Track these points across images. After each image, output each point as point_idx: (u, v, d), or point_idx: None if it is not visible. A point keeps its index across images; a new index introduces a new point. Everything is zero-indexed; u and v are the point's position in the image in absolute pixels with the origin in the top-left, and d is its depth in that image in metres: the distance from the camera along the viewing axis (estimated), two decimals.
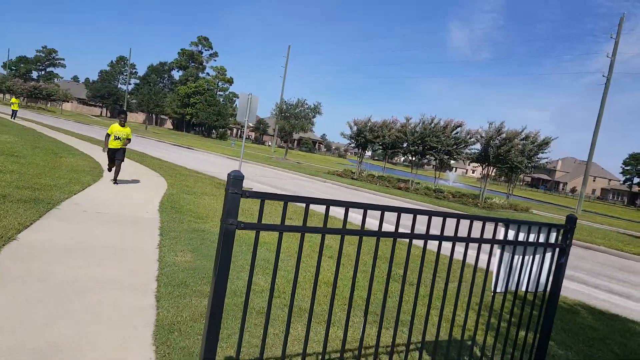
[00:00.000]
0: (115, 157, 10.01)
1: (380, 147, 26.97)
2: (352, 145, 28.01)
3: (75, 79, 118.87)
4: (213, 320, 1.95)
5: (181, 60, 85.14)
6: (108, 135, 9.95)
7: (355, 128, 26.69)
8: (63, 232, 5.76)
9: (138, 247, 5.62)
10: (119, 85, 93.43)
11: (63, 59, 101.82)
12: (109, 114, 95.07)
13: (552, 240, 3.32)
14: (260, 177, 19.29)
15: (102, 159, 14.14)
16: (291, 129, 35.60)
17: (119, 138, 9.97)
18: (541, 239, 3.24)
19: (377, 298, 5.07)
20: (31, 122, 29.65)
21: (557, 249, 3.37)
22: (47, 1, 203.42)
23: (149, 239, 6.05)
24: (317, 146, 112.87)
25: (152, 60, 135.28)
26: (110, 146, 10.00)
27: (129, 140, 10.22)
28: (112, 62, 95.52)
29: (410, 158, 26.01)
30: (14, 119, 29.35)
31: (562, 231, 3.37)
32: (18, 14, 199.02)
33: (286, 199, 2.05)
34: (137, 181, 11.10)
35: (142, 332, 3.44)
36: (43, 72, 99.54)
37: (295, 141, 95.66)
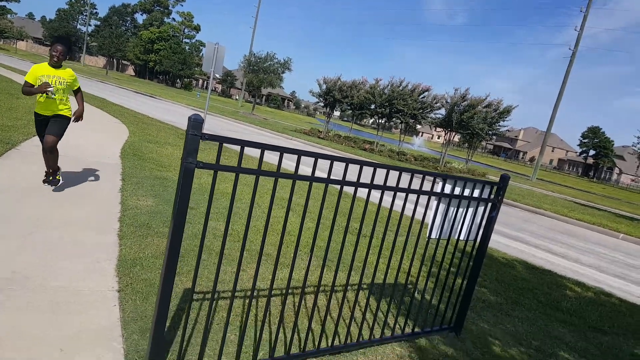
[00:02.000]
0: (46, 131, 5.24)
1: (349, 107, 27.13)
2: (321, 104, 28.02)
3: (31, 16, 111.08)
4: (173, 250, 2.19)
5: (145, 3, 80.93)
6: (29, 85, 5.04)
7: (324, 86, 26.64)
8: (24, 172, 5.78)
9: (100, 190, 5.73)
10: (78, 26, 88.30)
11: None
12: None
13: (486, 196, 3.71)
14: (226, 131, 19.20)
15: None
16: (259, 83, 35.02)
17: (50, 92, 4.99)
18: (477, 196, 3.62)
19: (324, 243, 5.41)
20: None
21: (490, 204, 3.77)
22: None
23: (111, 183, 6.16)
24: (286, 103, 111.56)
25: (114, 1, 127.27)
26: (37, 110, 5.25)
27: (78, 95, 5.55)
28: (70, 0, 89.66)
29: (377, 120, 26.36)
30: None
31: (495, 188, 3.76)
32: None
33: (243, 143, 2.26)
34: (98, 127, 10.94)
35: (105, 265, 3.66)
36: None
37: (264, 97, 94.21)
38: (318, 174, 5.18)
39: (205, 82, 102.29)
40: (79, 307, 2.99)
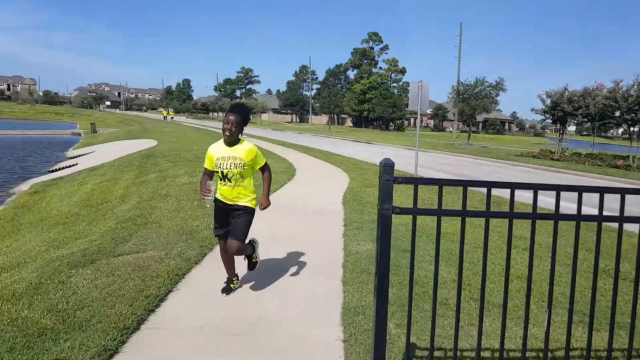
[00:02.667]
0: (229, 232, 4.11)
1: (585, 119, 23.52)
2: (548, 121, 25.01)
3: (269, 91, 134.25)
4: (381, 305, 2.13)
5: (354, 59, 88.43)
6: (207, 173, 4.18)
7: (548, 101, 23.79)
8: (264, 223, 6.72)
9: (325, 236, 6.22)
10: (304, 92, 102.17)
11: (258, 76, 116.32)
12: (297, 119, 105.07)
13: None
14: (441, 165, 18.90)
15: (295, 160, 15.84)
16: (472, 111, 33.69)
17: (208, 199, 3.97)
18: None
19: (583, 295, 4.38)
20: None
21: None
22: (246, 26, 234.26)
23: (334, 229, 6.63)
24: (506, 126, 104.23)
25: (329, 64, 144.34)
26: (217, 194, 4.12)
27: (264, 175, 4.47)
28: (296, 72, 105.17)
29: (628, 129, 22.00)
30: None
31: None
32: (223, 43, 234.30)
33: (439, 183, 2.10)
34: (322, 177, 12.13)
35: (332, 313, 3.84)
36: (244, 90, 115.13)
37: (480, 124, 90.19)
38: (546, 202, 4.50)
39: (416, 121, 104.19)
40: (307, 356, 3.15)
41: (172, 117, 66.05)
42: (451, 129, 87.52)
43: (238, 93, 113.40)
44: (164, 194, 8.76)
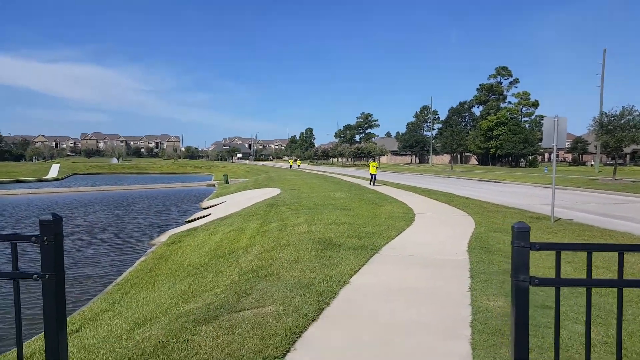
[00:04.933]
0: None
1: None
2: None
3: (388, 134, 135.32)
4: None
5: (480, 95, 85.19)
6: None
7: None
8: (384, 275, 6.40)
9: (449, 289, 5.67)
10: (424, 133, 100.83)
11: (377, 120, 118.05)
12: (417, 160, 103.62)
13: None
14: (584, 204, 16.70)
15: (414, 204, 15.30)
16: (617, 143, 29.68)
17: None
18: None
19: None
20: (356, 177, 35.15)
21: None
22: (367, 72, 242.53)
23: (459, 281, 6.04)
24: None
25: (452, 102, 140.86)
26: None
27: None
28: (416, 113, 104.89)
29: None
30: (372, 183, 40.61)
31: None
32: (344, 90, 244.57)
33: (588, 248, 1.66)
34: (445, 222, 11.42)
35: None
36: (363, 135, 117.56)
37: (627, 156, 79.44)
38: None
39: (550, 155, 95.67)
40: None
41: (298, 165, 69.34)
42: (592, 163, 78.37)
43: (357, 138, 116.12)
44: (284, 243, 8.95)
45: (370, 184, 26.18)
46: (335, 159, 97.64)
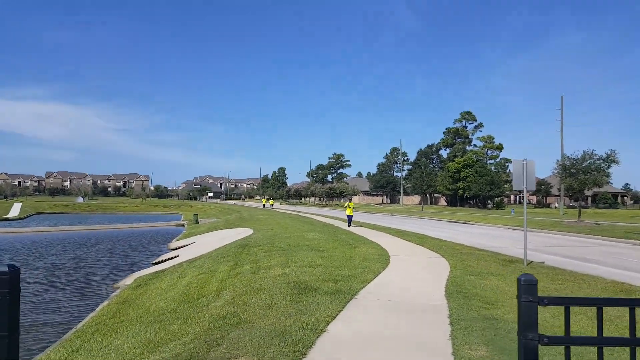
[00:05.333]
0: None
1: None
2: None
3: (359, 174, 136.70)
4: None
5: (447, 138, 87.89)
6: None
7: None
8: (362, 322, 6.17)
9: (430, 338, 5.49)
10: (395, 173, 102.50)
11: (348, 160, 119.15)
12: (388, 200, 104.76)
13: None
14: (553, 246, 17.01)
15: (388, 245, 15.21)
16: (581, 186, 30.81)
17: None
18: None
19: None
20: (329, 217, 34.98)
21: None
22: (338, 114, 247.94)
23: (439, 328, 5.87)
24: (619, 200, 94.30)
25: (420, 145, 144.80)
26: None
27: None
28: (386, 154, 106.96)
29: None
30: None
31: None
32: (316, 131, 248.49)
33: (599, 302, 1.56)
34: (419, 265, 11.33)
35: None
36: (335, 174, 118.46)
37: (589, 198, 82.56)
38: None
39: (516, 197, 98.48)
40: None
41: (271, 205, 68.52)
42: (556, 205, 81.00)
43: (329, 178, 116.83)
44: (258, 287, 8.62)
45: (348, 225, 24.99)
46: (307, 199, 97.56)
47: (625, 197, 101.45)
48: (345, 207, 26.42)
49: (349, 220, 25.48)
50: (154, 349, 5.86)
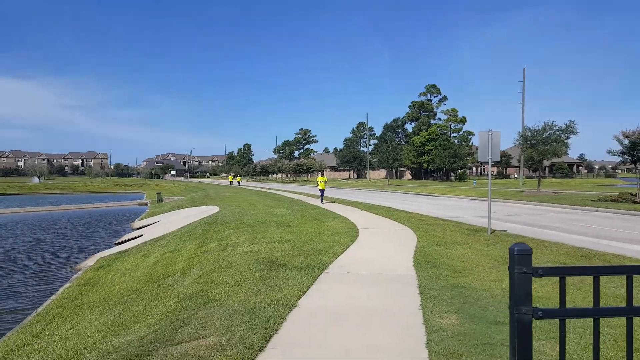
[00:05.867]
0: None
1: None
2: (627, 161, 23.11)
3: (326, 150, 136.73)
4: None
5: (412, 112, 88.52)
6: None
7: (626, 141, 22.06)
8: (333, 296, 6.10)
9: (400, 308, 5.48)
10: (361, 148, 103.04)
11: (315, 136, 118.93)
12: (355, 175, 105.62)
13: None
14: (514, 215, 17.51)
15: (356, 219, 15.24)
16: (541, 156, 31.77)
17: None
18: None
19: None
20: (297, 193, 34.87)
21: None
22: (303, 88, 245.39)
23: (409, 298, 5.88)
24: (574, 169, 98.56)
25: (386, 119, 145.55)
26: None
27: None
28: (353, 129, 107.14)
29: None
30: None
31: None
32: (281, 106, 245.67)
33: (597, 271, 1.46)
34: (387, 237, 11.39)
35: None
36: (302, 150, 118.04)
37: (547, 168, 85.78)
38: None
39: (478, 169, 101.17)
40: None
41: (238, 182, 67.38)
42: (516, 175, 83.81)
43: (296, 153, 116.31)
44: (226, 265, 8.42)
45: (320, 201, 23.72)
46: (274, 175, 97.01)
47: (580, 167, 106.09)
48: (318, 182, 25.00)
49: (322, 195, 24.37)
50: (117, 332, 5.61)
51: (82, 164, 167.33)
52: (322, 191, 24.33)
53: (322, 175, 25.94)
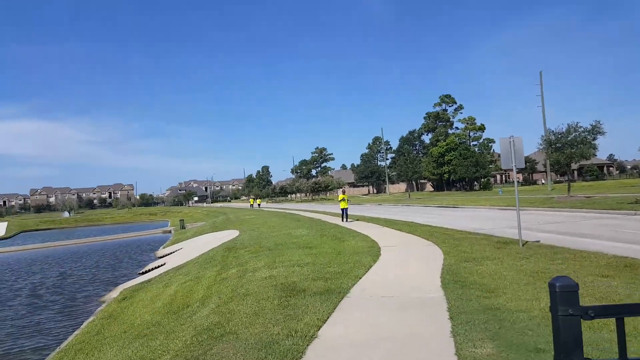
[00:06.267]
0: None
1: None
2: None
3: (344, 167, 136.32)
4: None
5: (428, 123, 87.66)
6: None
7: None
8: (355, 324, 5.74)
9: (430, 337, 5.07)
10: (379, 163, 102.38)
11: (332, 154, 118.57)
12: (375, 190, 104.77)
13: None
14: (545, 224, 16.77)
15: (378, 236, 14.81)
16: (568, 160, 30.68)
17: None
18: None
19: None
20: (317, 212, 34.56)
21: None
22: (317, 108, 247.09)
23: (439, 324, 5.46)
24: (605, 170, 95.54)
25: (402, 132, 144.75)
26: None
27: None
28: (369, 144, 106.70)
29: None
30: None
31: None
32: (297, 126, 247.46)
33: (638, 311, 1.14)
34: (412, 255, 10.94)
35: None
36: (319, 169, 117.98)
37: (575, 172, 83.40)
38: None
39: (502, 177, 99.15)
40: None
41: (259, 204, 67.78)
42: (543, 181, 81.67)
43: (314, 172, 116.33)
44: (244, 292, 8.13)
45: (342, 220, 21.83)
46: (293, 195, 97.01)
47: (611, 168, 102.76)
48: (340, 200, 22.77)
49: (344, 214, 22.10)
50: None
51: (110, 196, 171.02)
52: (345, 210, 22.16)
53: (344, 192, 23.82)
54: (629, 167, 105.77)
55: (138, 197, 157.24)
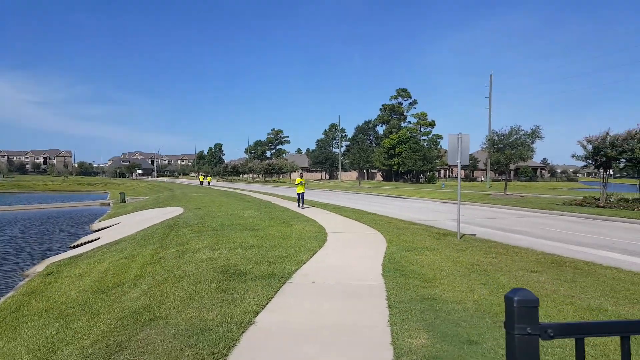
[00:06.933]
0: None
1: (629, 163, 21.92)
2: (590, 166, 23.55)
3: (299, 151, 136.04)
4: None
5: (383, 115, 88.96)
6: None
7: (589, 146, 22.42)
8: (295, 310, 5.60)
9: (368, 325, 5.03)
10: (333, 150, 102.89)
11: (287, 136, 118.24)
12: (327, 176, 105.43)
13: None
14: (482, 219, 17.44)
15: (326, 222, 14.78)
16: (507, 160, 32.19)
17: None
18: None
19: None
20: (268, 194, 34.16)
21: None
22: (277, 89, 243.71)
23: (377, 313, 5.44)
24: (538, 173, 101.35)
25: (358, 121, 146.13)
26: None
27: None
28: (325, 130, 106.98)
29: None
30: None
31: None
32: (254, 106, 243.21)
33: (627, 329, 1.04)
34: (356, 241, 10.97)
35: None
36: (274, 150, 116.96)
37: (512, 172, 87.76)
38: None
39: (446, 172, 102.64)
40: None
41: (209, 182, 65.95)
42: (482, 178, 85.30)
43: (268, 154, 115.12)
44: (180, 274, 7.78)
45: (298, 206, 20.80)
46: (246, 175, 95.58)
47: (544, 171, 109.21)
48: (297, 184, 21.57)
49: (300, 199, 20.90)
50: (46, 356, 4.93)
51: (45, 162, 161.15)
52: (301, 194, 20.95)
53: (301, 176, 22.45)
54: (559, 171, 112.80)
55: (76, 165, 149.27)
